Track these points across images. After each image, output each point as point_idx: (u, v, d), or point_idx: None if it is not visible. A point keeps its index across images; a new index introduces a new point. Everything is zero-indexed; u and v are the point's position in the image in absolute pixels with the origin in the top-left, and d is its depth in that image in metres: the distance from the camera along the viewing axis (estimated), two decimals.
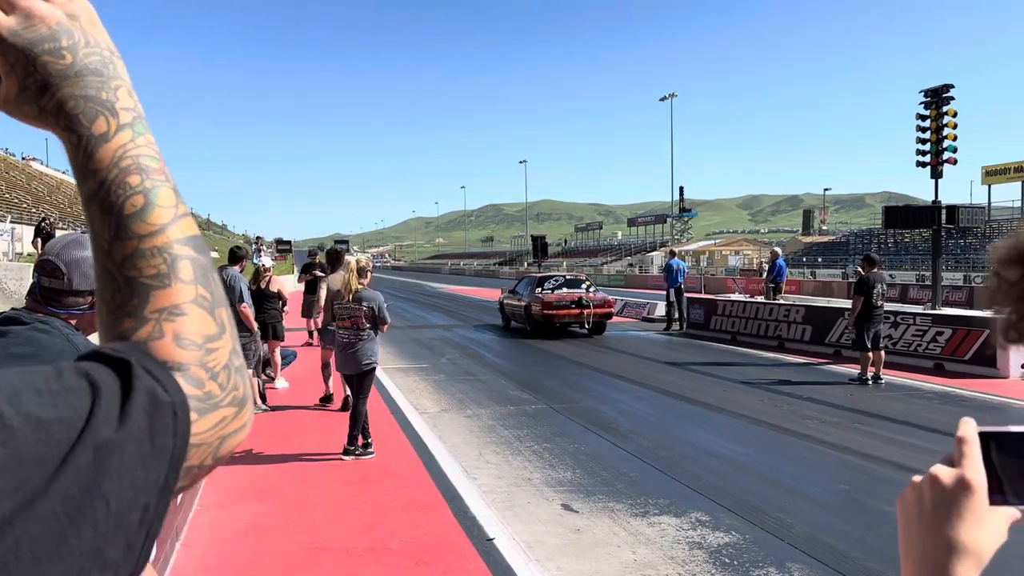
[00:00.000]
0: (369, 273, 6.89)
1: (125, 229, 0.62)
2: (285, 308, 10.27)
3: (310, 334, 13.98)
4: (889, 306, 11.72)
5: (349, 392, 9.05)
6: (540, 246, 31.80)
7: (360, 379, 6.69)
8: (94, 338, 1.71)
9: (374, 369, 6.78)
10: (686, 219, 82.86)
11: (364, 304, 6.60)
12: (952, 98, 15.62)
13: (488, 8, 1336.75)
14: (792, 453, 6.80)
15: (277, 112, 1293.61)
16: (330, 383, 9.30)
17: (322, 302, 9.46)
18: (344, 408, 8.99)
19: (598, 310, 16.75)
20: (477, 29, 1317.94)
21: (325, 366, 9.40)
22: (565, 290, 17.38)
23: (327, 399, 9.19)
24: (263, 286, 9.83)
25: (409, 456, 6.66)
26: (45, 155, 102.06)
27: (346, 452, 6.54)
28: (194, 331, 0.61)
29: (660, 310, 20.33)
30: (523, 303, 17.66)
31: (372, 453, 6.61)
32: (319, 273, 10.66)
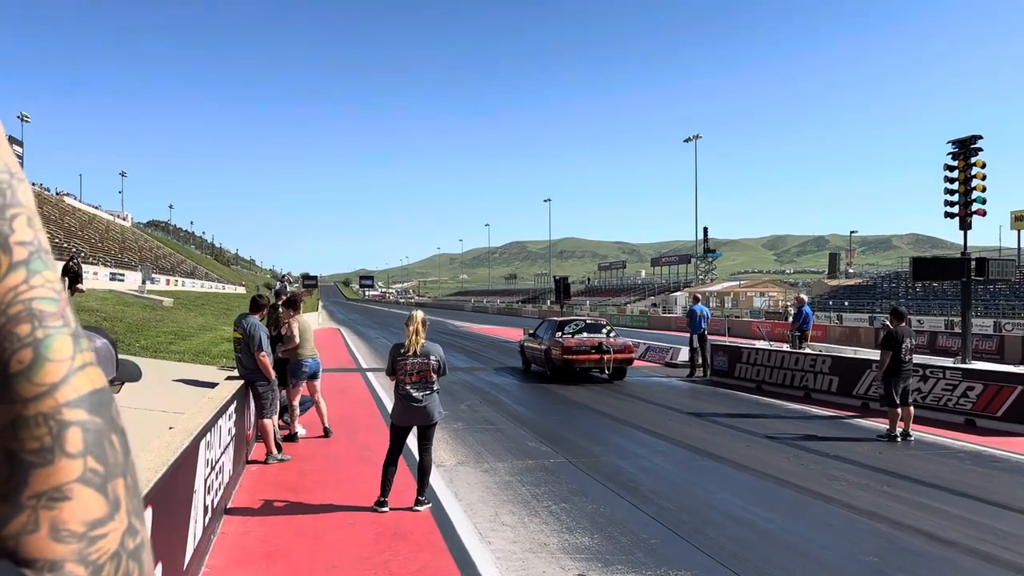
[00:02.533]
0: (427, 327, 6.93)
1: (9, 391, 0.53)
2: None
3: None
4: (917, 357, 11.45)
5: (325, 423, 9.86)
6: (563, 287, 31.58)
7: (425, 431, 6.79)
8: None
9: (438, 421, 6.90)
10: (710, 259, 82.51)
11: (432, 357, 6.69)
12: (980, 149, 15.42)
13: (513, 47, 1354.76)
14: (818, 519, 6.58)
15: (304, 150, 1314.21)
16: (296, 422, 9.83)
17: (297, 340, 9.70)
18: (326, 435, 9.84)
19: (618, 356, 16.59)
20: (501, 67, 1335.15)
21: (295, 405, 9.94)
22: (585, 335, 17.26)
23: (293, 437, 9.66)
24: (284, 332, 9.86)
25: (423, 514, 6.53)
26: (79, 190, 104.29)
27: (418, 503, 6.64)
28: (77, 518, 0.53)
29: (683, 355, 20.10)
30: (543, 347, 17.54)
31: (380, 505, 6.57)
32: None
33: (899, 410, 10.18)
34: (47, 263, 0.58)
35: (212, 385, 8.88)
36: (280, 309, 10.34)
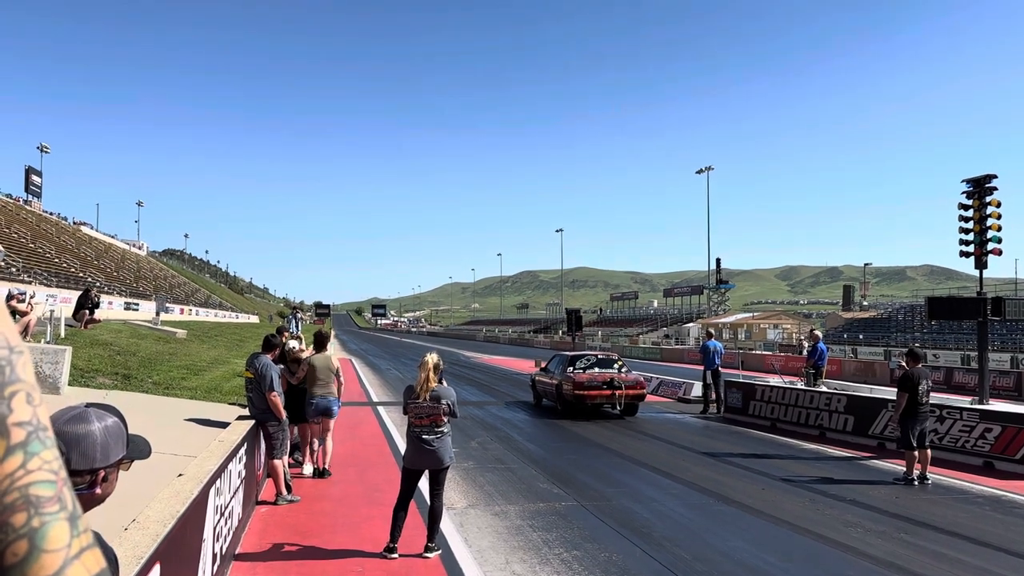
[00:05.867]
0: (440, 370, 6.89)
1: None
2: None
3: None
4: (934, 395, 11.31)
5: (325, 464, 9.88)
6: (574, 319, 31.53)
7: (437, 474, 6.76)
8: (89, 515, 1.64)
9: (450, 465, 6.86)
10: (723, 291, 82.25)
11: (443, 402, 6.68)
12: (995, 188, 15.37)
13: (524, 77, 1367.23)
14: (835, 569, 6.46)
15: (317, 179, 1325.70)
16: (308, 461, 9.97)
17: (297, 379, 9.75)
18: (319, 475, 9.81)
19: (630, 391, 16.48)
20: (513, 95, 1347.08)
21: (300, 444, 10.14)
22: (597, 370, 17.18)
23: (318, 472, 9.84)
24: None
25: (433, 561, 6.46)
26: (96, 220, 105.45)
27: (427, 549, 6.58)
28: None
29: (696, 390, 19.98)
30: (554, 382, 17.48)
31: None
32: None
33: (916, 453, 10.05)
34: (45, 442, 0.58)
35: (223, 424, 8.88)
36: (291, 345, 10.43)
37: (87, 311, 20.64)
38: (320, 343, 10.29)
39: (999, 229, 15.43)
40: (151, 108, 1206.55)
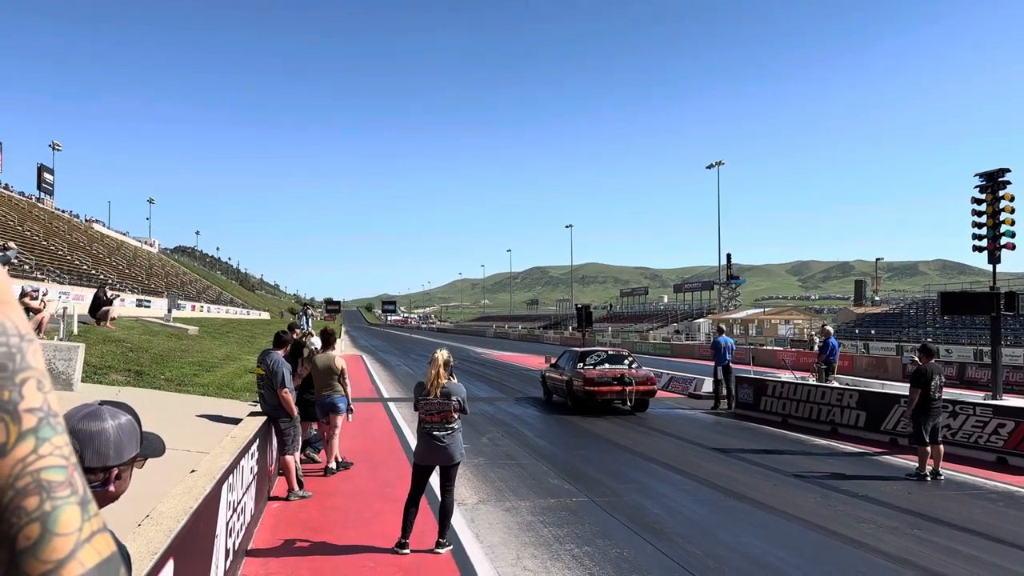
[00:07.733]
0: (451, 366, 6.88)
1: (16, 569, 0.53)
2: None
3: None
4: (947, 390, 11.24)
5: (332, 460, 9.88)
6: (584, 315, 31.50)
7: (448, 470, 6.78)
8: (102, 512, 1.64)
9: (461, 461, 6.87)
10: (734, 286, 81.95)
11: (453, 398, 6.69)
12: (1008, 182, 15.27)
13: (534, 72, 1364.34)
14: (847, 566, 6.43)
15: (328, 176, 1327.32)
16: (319, 456, 10.25)
17: (299, 379, 9.67)
18: (323, 469, 9.84)
19: (640, 388, 16.47)
20: (522, 94, 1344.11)
21: (314, 441, 10.42)
22: (607, 366, 17.18)
23: (343, 465, 10.02)
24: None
25: (444, 557, 6.47)
26: (107, 217, 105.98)
27: (439, 545, 6.60)
28: None
29: (707, 386, 19.94)
30: (565, 378, 17.49)
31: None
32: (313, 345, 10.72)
33: (929, 448, 10.00)
34: (56, 428, 0.58)
35: (235, 421, 8.91)
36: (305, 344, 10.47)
37: (106, 308, 20.71)
38: (325, 341, 10.27)
39: (1012, 223, 15.33)
40: (162, 107, 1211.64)
